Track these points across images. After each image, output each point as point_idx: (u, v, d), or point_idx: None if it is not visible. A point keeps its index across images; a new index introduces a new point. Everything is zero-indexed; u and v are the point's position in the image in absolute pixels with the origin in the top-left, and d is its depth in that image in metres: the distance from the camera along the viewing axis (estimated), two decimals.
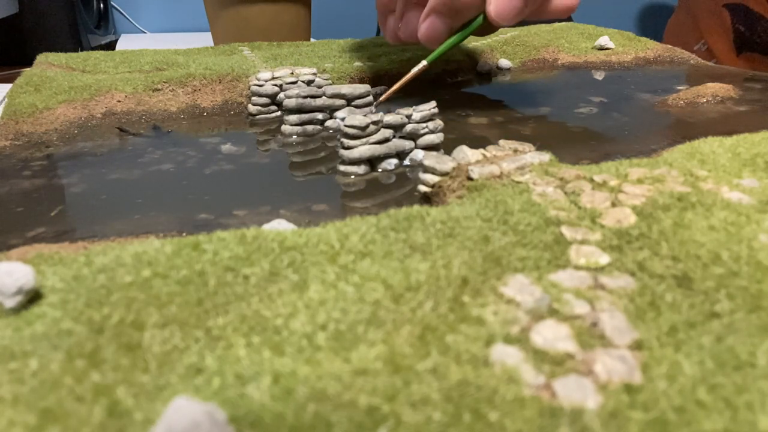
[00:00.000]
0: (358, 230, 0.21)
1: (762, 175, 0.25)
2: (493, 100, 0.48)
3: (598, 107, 0.45)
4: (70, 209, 0.30)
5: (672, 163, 0.26)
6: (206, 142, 0.39)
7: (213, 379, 0.14)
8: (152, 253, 0.19)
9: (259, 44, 0.60)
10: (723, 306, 0.17)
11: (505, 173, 0.26)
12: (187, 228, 0.27)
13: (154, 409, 0.14)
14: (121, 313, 0.17)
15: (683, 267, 0.19)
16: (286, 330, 0.16)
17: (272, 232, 0.21)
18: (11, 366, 0.15)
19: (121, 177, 0.33)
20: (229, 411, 0.13)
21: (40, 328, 0.16)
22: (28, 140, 0.39)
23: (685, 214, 0.22)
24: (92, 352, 0.15)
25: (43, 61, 0.52)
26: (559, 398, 0.14)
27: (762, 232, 0.20)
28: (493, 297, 0.18)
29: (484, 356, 0.15)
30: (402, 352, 0.15)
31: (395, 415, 0.13)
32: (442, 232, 0.21)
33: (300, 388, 0.14)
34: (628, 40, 0.62)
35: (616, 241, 0.21)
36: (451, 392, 0.14)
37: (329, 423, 0.13)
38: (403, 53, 0.55)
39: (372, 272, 0.18)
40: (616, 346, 0.16)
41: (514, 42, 0.61)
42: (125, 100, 0.44)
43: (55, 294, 0.18)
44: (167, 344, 0.16)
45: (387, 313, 0.17)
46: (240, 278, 0.18)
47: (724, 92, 0.45)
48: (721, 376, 0.15)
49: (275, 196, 0.30)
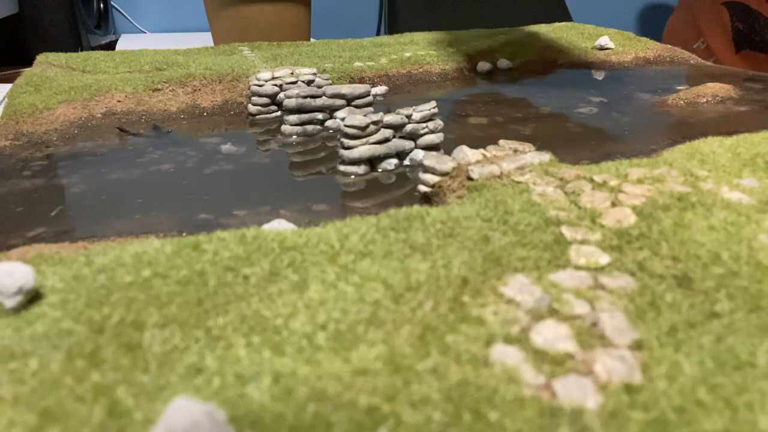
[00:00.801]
0: (358, 230, 0.21)
1: (762, 175, 0.25)
2: (493, 100, 0.48)
3: (598, 107, 0.45)
4: (70, 209, 0.30)
5: (672, 163, 0.26)
6: (206, 142, 0.39)
7: (213, 379, 0.14)
8: (152, 253, 0.19)
9: (259, 44, 0.60)
10: (723, 306, 0.17)
11: (505, 173, 0.26)
12: (187, 228, 0.27)
13: (154, 409, 0.14)
14: (121, 313, 0.17)
15: (683, 267, 0.19)
16: (286, 330, 0.16)
17: (272, 232, 0.21)
18: (11, 366, 0.15)
19: (121, 177, 0.33)
20: (229, 411, 0.13)
21: (40, 327, 0.16)
22: (28, 140, 0.39)
23: (685, 214, 0.22)
24: (92, 352, 0.15)
25: (43, 61, 0.52)
26: (559, 398, 0.14)
27: (762, 232, 0.20)
28: (493, 297, 0.18)
29: (484, 356, 0.15)
30: (402, 352, 0.15)
31: (395, 414, 0.13)
32: (442, 232, 0.21)
33: (300, 388, 0.14)
34: (628, 40, 0.62)
35: (616, 241, 0.21)
36: (451, 392, 0.14)
37: (329, 423, 0.13)
38: (403, 53, 0.55)
39: (372, 272, 0.18)
40: (616, 346, 0.16)
41: (514, 42, 0.61)
42: (125, 100, 0.44)
43: (55, 294, 0.18)
44: (167, 344, 0.16)
45: (387, 313, 0.17)
46: (240, 278, 0.18)
47: (724, 92, 0.45)
48: (721, 376, 0.14)
49: (275, 196, 0.30)
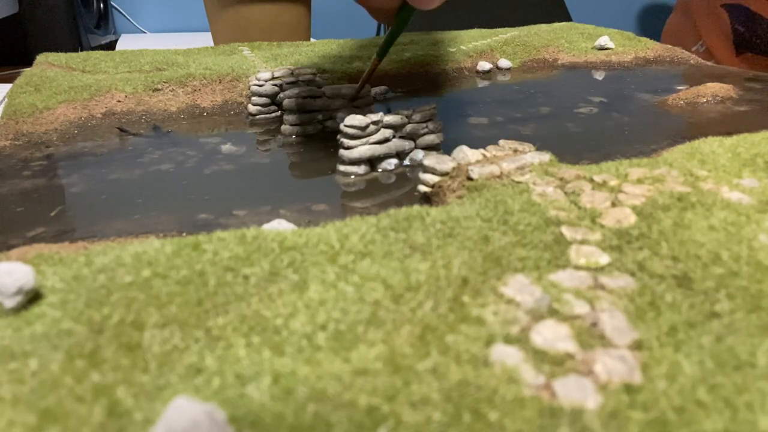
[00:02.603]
0: (358, 230, 0.21)
1: (762, 175, 0.25)
2: (493, 100, 0.48)
3: (598, 107, 0.45)
4: (70, 209, 0.30)
5: (672, 163, 0.26)
6: (206, 142, 0.39)
7: (213, 379, 0.14)
8: (152, 253, 0.19)
9: (259, 44, 0.60)
10: (723, 306, 0.17)
11: (505, 173, 0.26)
12: (187, 228, 0.27)
13: (154, 409, 0.14)
14: (121, 313, 0.17)
15: (683, 267, 0.19)
16: (286, 330, 0.16)
17: (272, 232, 0.21)
18: (11, 366, 0.15)
19: (121, 177, 0.33)
20: (229, 411, 0.13)
21: (40, 328, 0.16)
22: (28, 140, 0.39)
23: (685, 214, 0.22)
24: (92, 352, 0.15)
25: (43, 61, 0.52)
26: (559, 398, 0.14)
27: (762, 232, 0.20)
28: (493, 297, 0.18)
29: (484, 356, 0.15)
30: (402, 352, 0.15)
31: (395, 415, 0.13)
32: (442, 232, 0.21)
33: (300, 388, 0.14)
34: (628, 40, 0.62)
35: (616, 241, 0.21)
36: (451, 392, 0.14)
37: (329, 423, 0.13)
38: (403, 53, 0.55)
39: (372, 272, 0.18)
40: (616, 346, 0.16)
41: (514, 42, 0.61)
42: (125, 100, 0.44)
43: (55, 294, 0.18)
44: (167, 344, 0.16)
45: (387, 313, 0.17)
46: (240, 278, 0.18)
47: (724, 92, 0.45)
48: (721, 376, 0.15)
49: (275, 196, 0.30)
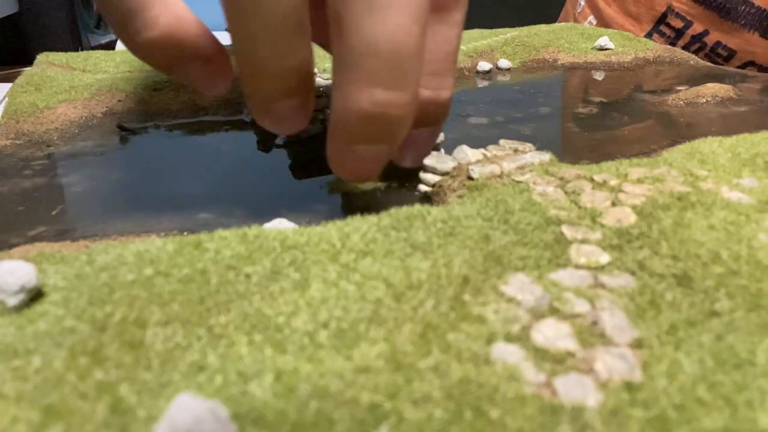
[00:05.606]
0: (359, 229, 0.21)
1: (762, 175, 0.25)
2: (493, 100, 0.48)
3: (598, 107, 0.45)
4: (71, 208, 0.30)
5: (672, 163, 0.27)
6: (207, 142, 0.39)
7: (215, 377, 0.15)
8: (154, 252, 0.19)
9: None
10: (723, 305, 0.17)
11: (505, 173, 0.26)
12: (188, 227, 0.27)
13: (157, 406, 0.14)
14: (124, 311, 0.17)
15: (683, 266, 0.19)
16: (288, 328, 0.16)
17: (273, 231, 0.21)
18: (14, 363, 0.15)
19: (121, 176, 0.33)
20: (232, 408, 0.13)
21: (43, 326, 0.16)
22: (29, 139, 0.39)
23: (685, 213, 0.22)
24: (95, 350, 0.15)
25: (43, 60, 0.52)
26: (559, 396, 0.14)
27: (761, 231, 0.20)
28: (493, 296, 0.18)
29: (485, 354, 0.15)
30: (403, 350, 0.15)
31: (397, 412, 0.13)
32: (442, 231, 0.21)
33: (302, 386, 0.14)
34: (627, 41, 0.62)
35: (617, 241, 0.21)
36: (452, 390, 0.14)
37: (331, 420, 0.13)
38: None
39: (373, 271, 0.19)
40: (616, 344, 0.16)
41: (514, 42, 0.61)
42: (126, 100, 0.44)
43: (58, 292, 0.18)
44: (169, 342, 0.16)
45: (388, 312, 0.17)
46: (242, 277, 0.18)
47: (724, 92, 0.45)
48: (721, 374, 0.15)
49: (276, 196, 0.30)
